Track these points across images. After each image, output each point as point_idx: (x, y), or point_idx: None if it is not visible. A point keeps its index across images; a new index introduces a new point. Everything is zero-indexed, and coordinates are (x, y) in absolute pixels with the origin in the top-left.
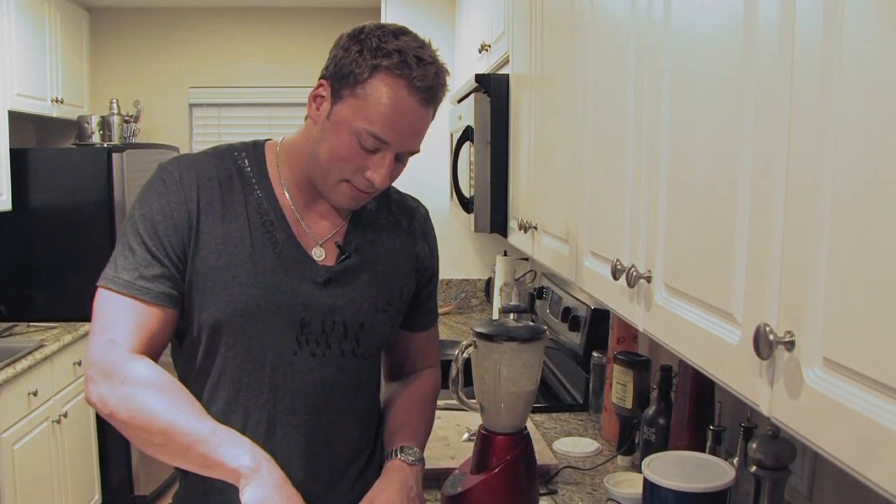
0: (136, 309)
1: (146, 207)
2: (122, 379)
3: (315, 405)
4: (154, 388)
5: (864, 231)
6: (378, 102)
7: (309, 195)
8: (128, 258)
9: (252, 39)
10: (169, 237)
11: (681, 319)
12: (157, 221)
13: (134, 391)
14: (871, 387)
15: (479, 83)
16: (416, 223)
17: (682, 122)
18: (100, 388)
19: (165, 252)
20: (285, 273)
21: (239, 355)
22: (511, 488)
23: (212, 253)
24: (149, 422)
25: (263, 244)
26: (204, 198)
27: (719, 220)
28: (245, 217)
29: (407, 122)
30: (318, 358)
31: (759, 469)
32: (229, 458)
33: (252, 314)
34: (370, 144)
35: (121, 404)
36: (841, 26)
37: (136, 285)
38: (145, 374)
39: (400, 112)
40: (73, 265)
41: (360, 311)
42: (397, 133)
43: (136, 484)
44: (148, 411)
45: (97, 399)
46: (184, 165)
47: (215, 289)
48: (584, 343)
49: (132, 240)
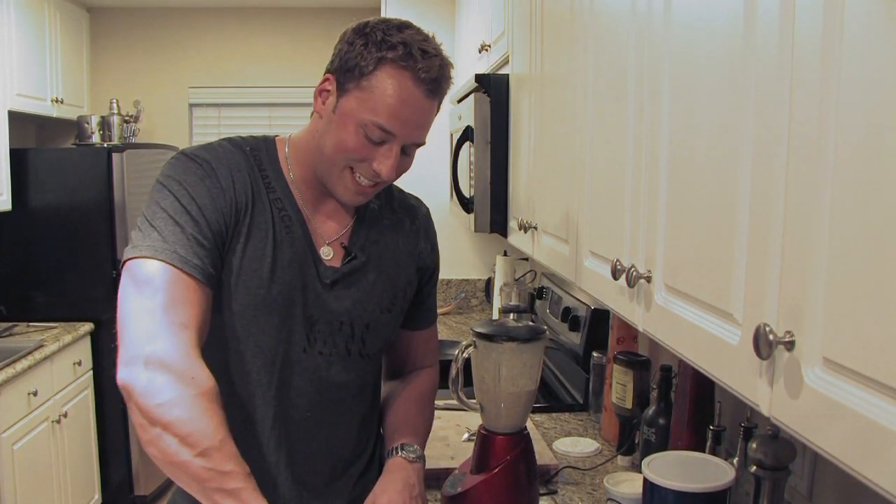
0: (195, 288)
1: (189, 189)
2: (189, 377)
3: (319, 403)
4: (216, 401)
5: (865, 231)
6: (384, 94)
7: (317, 194)
8: (177, 234)
9: (252, 39)
10: (214, 220)
11: (681, 319)
12: (202, 204)
13: (197, 395)
14: (871, 387)
15: (479, 83)
16: (418, 222)
17: (682, 121)
18: (155, 376)
19: (213, 234)
20: (299, 269)
21: (250, 348)
22: (511, 488)
23: (240, 244)
24: (200, 432)
25: (283, 239)
26: (239, 188)
27: (719, 220)
28: (270, 212)
29: (412, 114)
30: (325, 357)
31: (759, 469)
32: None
33: (269, 307)
34: (376, 136)
35: (180, 402)
36: (841, 24)
37: (191, 262)
38: (211, 382)
39: (405, 103)
40: (73, 265)
41: (366, 312)
42: (403, 124)
43: (136, 484)
44: (203, 421)
45: (146, 385)
46: (217, 154)
47: (236, 281)
48: (584, 343)
49: (178, 216)
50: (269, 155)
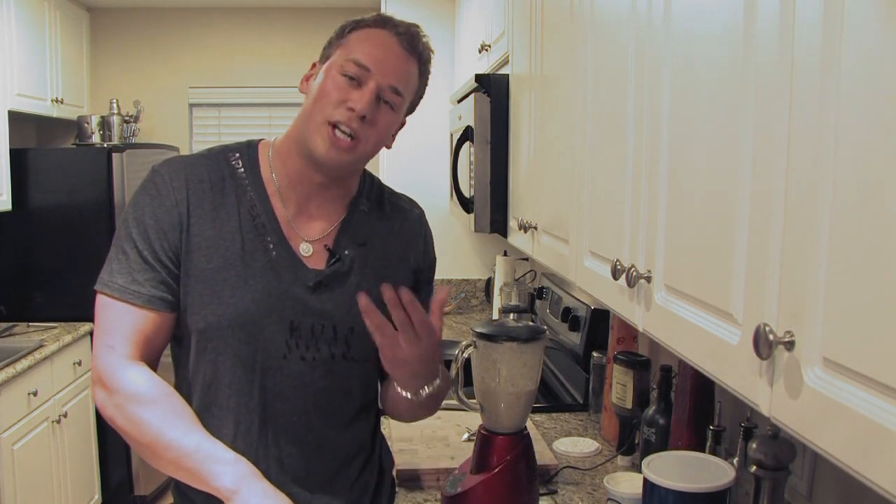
0: (129, 313)
1: (138, 211)
2: (116, 388)
3: (305, 408)
4: (145, 398)
5: (864, 231)
6: (359, 40)
7: (301, 194)
8: (121, 262)
9: (252, 39)
10: (161, 240)
11: (680, 319)
12: (148, 225)
13: (125, 401)
14: (871, 387)
15: (479, 83)
16: (408, 224)
17: (681, 121)
18: (99, 395)
19: (157, 256)
20: (276, 276)
21: (230, 359)
22: (511, 488)
23: (203, 256)
24: (140, 433)
25: (255, 247)
26: (194, 200)
27: (719, 220)
28: (237, 219)
29: (388, 56)
30: (307, 362)
31: (759, 469)
32: (212, 477)
33: (243, 317)
34: (352, 71)
35: (116, 412)
36: (841, 25)
37: (128, 290)
38: (138, 382)
39: (381, 46)
40: (73, 265)
41: (350, 316)
42: (378, 62)
43: (136, 484)
44: (138, 422)
45: (99, 404)
46: (174, 168)
47: (206, 292)
48: (584, 343)
49: (125, 244)
50: (249, 160)
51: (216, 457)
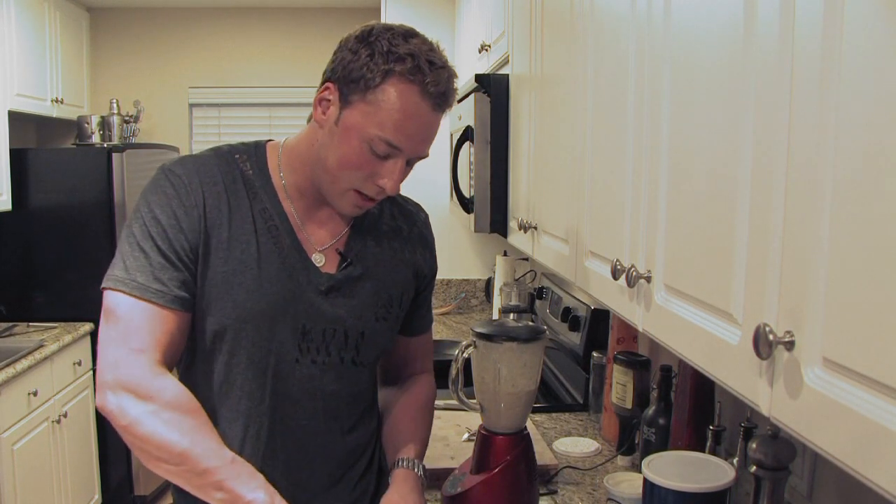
0: (155, 314)
1: (156, 210)
2: (149, 394)
3: (313, 412)
4: (179, 409)
5: (864, 230)
6: (391, 109)
7: (311, 201)
8: (139, 259)
9: (252, 39)
10: (181, 240)
11: (680, 319)
12: (168, 224)
13: (158, 409)
14: (871, 387)
15: (479, 83)
16: (416, 229)
17: (681, 121)
18: (121, 400)
19: (179, 255)
20: (289, 279)
21: (242, 362)
22: (511, 488)
23: (219, 258)
24: (168, 442)
25: (269, 250)
26: (210, 202)
27: (719, 220)
28: (251, 222)
29: (420, 128)
30: (318, 366)
31: (759, 469)
32: (246, 491)
33: (256, 320)
34: (382, 151)
35: (144, 419)
36: (840, 22)
37: (150, 288)
38: (173, 392)
39: (413, 118)
40: (73, 265)
41: (361, 320)
42: (410, 139)
43: (136, 484)
44: (169, 432)
45: (116, 409)
46: (189, 168)
47: (221, 294)
48: (584, 343)
49: (143, 242)
50: (258, 162)
51: (251, 473)
